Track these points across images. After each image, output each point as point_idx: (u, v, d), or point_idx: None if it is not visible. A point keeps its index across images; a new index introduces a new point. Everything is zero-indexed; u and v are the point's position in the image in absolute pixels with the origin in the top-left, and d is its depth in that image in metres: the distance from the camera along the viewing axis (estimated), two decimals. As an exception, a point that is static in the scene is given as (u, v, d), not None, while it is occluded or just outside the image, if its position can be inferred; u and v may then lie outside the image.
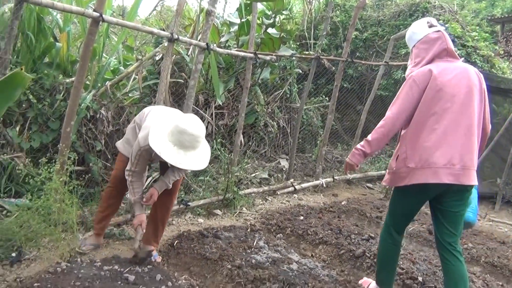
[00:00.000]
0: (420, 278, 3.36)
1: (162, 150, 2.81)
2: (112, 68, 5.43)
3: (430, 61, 2.76)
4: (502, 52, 12.80)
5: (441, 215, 2.75)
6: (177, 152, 2.84)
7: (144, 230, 3.23)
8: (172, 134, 2.85)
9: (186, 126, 2.83)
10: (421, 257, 3.84)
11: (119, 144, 3.40)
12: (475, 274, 3.69)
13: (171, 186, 3.29)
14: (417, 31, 2.86)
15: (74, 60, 4.70)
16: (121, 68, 5.47)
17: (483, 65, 8.23)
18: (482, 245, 4.48)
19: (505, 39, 15.02)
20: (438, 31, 2.79)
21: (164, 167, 3.36)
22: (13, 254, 2.93)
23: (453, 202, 2.70)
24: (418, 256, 3.83)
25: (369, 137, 2.76)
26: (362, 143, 2.81)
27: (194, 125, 2.87)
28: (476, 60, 8.14)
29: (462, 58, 2.86)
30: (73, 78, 4.18)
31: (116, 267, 2.89)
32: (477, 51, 8.34)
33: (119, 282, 2.69)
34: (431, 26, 2.83)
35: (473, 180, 2.65)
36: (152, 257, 3.29)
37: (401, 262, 3.60)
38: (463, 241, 4.52)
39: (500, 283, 3.56)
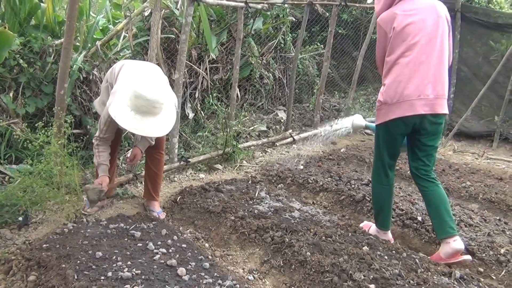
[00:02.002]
0: (419, 218, 3.45)
1: (117, 115, 2.73)
2: (101, 27, 5.29)
3: (398, 2, 2.86)
4: (500, -13, 12.43)
5: (418, 149, 2.92)
6: (133, 117, 2.73)
7: (106, 188, 3.08)
8: (130, 98, 2.75)
9: (143, 90, 2.71)
10: (420, 198, 3.90)
11: (96, 105, 3.38)
12: (473, 210, 3.77)
13: (153, 142, 3.31)
14: None
15: (62, 21, 4.57)
16: (110, 26, 5.34)
17: (480, 1, 8.04)
18: (480, 182, 4.56)
19: (503, -27, 14.57)
20: None
21: None
22: (20, 218, 2.99)
23: (429, 136, 2.87)
24: (417, 198, 3.90)
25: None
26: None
27: (153, 89, 2.75)
28: (472, -4, 7.94)
29: None
30: (62, 40, 4.09)
31: (122, 224, 2.95)
32: (474, -14, 8.11)
33: (126, 239, 2.76)
34: None
35: (445, 108, 2.83)
36: (156, 213, 3.36)
37: (400, 204, 3.68)
38: (461, 180, 4.59)
39: (498, 218, 3.64)
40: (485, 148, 6.28)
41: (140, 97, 2.70)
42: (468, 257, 2.84)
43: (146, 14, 5.02)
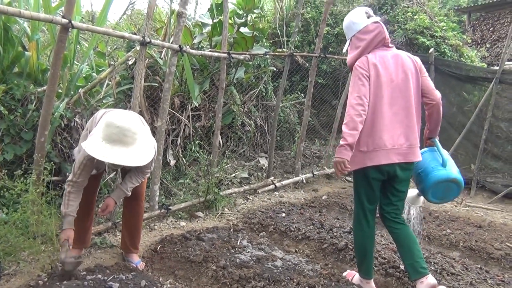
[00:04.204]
0: (402, 267, 3.43)
1: (88, 145, 2.66)
2: (84, 75, 5.33)
3: (370, 51, 2.96)
4: (470, 40, 13.13)
5: (392, 194, 3.02)
6: (103, 146, 2.65)
7: (71, 247, 2.90)
8: (102, 130, 2.70)
9: (114, 119, 2.68)
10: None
11: (76, 153, 3.21)
12: (454, 259, 3.78)
13: (129, 193, 3.14)
14: (357, 21, 3.03)
15: (45, 69, 4.60)
16: (94, 74, 5.38)
17: (452, 55, 8.42)
18: (460, 230, 4.60)
19: (472, 28, 15.42)
20: (377, 22, 2.99)
21: (124, 171, 3.28)
22: (-8, 270, 2.87)
23: (402, 183, 2.99)
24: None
25: (346, 130, 2.81)
26: (342, 137, 2.84)
27: (125, 119, 2.71)
28: (445, 50, 8.33)
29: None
30: (44, 87, 4.10)
31: (99, 276, 2.85)
32: (446, 41, 8.53)
33: (103, 291, 2.67)
34: (369, 16, 3.02)
35: (418, 156, 2.95)
36: (134, 264, 3.27)
37: (383, 252, 3.67)
38: (441, 227, 4.63)
39: (479, 266, 3.66)
40: (463, 196, 6.37)
41: (110, 125, 2.65)
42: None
43: (130, 63, 5.09)
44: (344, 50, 3.20)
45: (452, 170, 3.08)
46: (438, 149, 3.16)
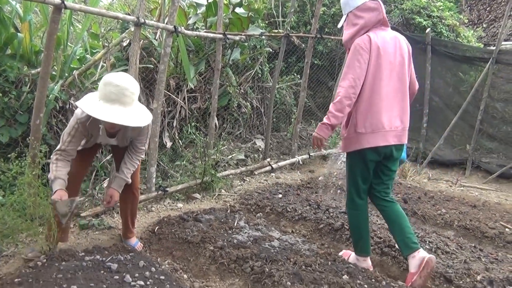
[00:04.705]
0: (397, 245, 3.46)
1: (85, 104, 2.58)
2: (78, 57, 5.27)
3: (368, 30, 2.91)
4: (467, 20, 13.04)
5: (383, 173, 3.07)
6: (102, 105, 2.57)
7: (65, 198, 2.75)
8: (100, 89, 2.62)
9: (112, 78, 2.60)
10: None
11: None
12: (449, 238, 3.83)
13: (129, 180, 3.11)
14: None
15: (38, 51, 4.55)
16: (88, 56, 5.32)
17: (449, 35, 8.38)
18: (455, 209, 4.64)
19: (469, 7, 15.28)
20: (376, 1, 2.91)
21: (118, 155, 3.21)
22: (-10, 252, 2.88)
23: (394, 162, 3.05)
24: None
25: (333, 110, 2.83)
26: (326, 116, 2.87)
27: (122, 78, 2.63)
28: (442, 30, 8.28)
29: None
30: (38, 69, 4.06)
31: (98, 256, 2.87)
32: (443, 21, 8.47)
33: (102, 271, 2.68)
34: None
35: (406, 138, 3.03)
36: (132, 245, 3.29)
37: (378, 232, 3.70)
38: (436, 207, 4.67)
39: (473, 245, 3.70)
40: (458, 176, 6.43)
41: (109, 84, 2.57)
42: (432, 256, 2.93)
43: (124, 44, 5.04)
44: (339, 26, 3.14)
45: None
46: None
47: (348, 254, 3.30)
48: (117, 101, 2.58)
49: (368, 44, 2.82)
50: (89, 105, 2.59)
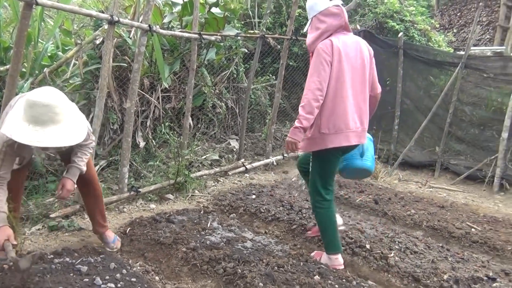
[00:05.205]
0: (368, 246, 3.54)
1: (13, 131, 2.34)
2: (49, 54, 5.16)
3: (331, 34, 3.04)
4: (438, 25, 13.36)
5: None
6: (33, 129, 2.33)
7: (14, 242, 2.54)
8: (25, 111, 2.37)
9: (37, 97, 2.35)
10: (368, 226, 4.03)
11: None
12: (417, 238, 3.92)
13: (84, 168, 2.89)
14: (319, 2, 3.08)
15: (8, 47, 4.43)
16: (60, 53, 5.22)
17: (421, 39, 8.56)
18: (424, 210, 4.76)
19: (440, 12, 15.68)
20: (338, 6, 3.07)
21: (65, 156, 3.00)
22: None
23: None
24: (365, 225, 4.01)
25: (303, 113, 2.96)
26: (298, 119, 3.00)
27: (48, 95, 2.41)
28: (414, 34, 8.45)
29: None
30: (7, 66, 3.96)
31: (67, 259, 2.83)
32: (415, 25, 8.65)
33: (71, 274, 2.64)
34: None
35: (366, 138, 3.24)
36: (112, 242, 3.23)
37: (350, 232, 3.76)
38: (406, 208, 4.77)
39: (440, 245, 3.81)
40: (427, 177, 6.58)
41: (36, 105, 2.34)
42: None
43: (97, 42, 4.95)
44: (304, 30, 3.27)
45: (367, 161, 3.40)
46: None
47: (320, 255, 3.34)
48: (49, 122, 2.38)
49: (330, 48, 2.94)
50: (19, 131, 2.35)
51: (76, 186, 2.95)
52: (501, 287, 3.02)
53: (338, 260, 3.20)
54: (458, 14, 15.19)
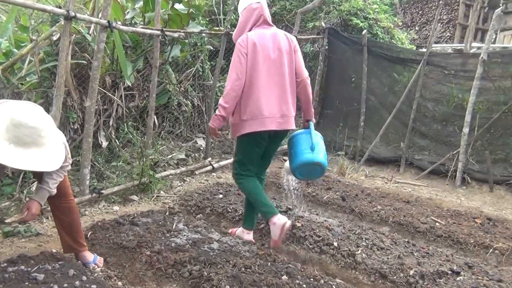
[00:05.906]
0: (335, 243, 3.53)
1: None
2: (4, 51, 4.91)
3: (251, 28, 3.32)
4: (401, 23, 13.61)
5: (265, 157, 3.53)
6: (14, 150, 2.24)
7: None
8: (7, 130, 2.25)
9: (24, 118, 2.26)
10: (336, 224, 4.02)
11: None
12: (384, 234, 3.95)
13: (55, 191, 2.72)
14: (243, 1, 3.39)
15: (-44, 43, 4.18)
16: (14, 50, 4.97)
17: (384, 37, 8.69)
18: (390, 206, 4.81)
19: (402, 10, 16.00)
20: (258, 2, 3.33)
21: (39, 173, 2.75)
22: None
23: (276, 144, 3.53)
24: (332, 223, 4.00)
25: (222, 102, 3.20)
26: (218, 108, 3.23)
27: (34, 116, 2.32)
28: (377, 31, 8.56)
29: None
30: (-45, 64, 3.73)
31: (22, 267, 2.67)
32: (378, 23, 8.77)
33: (27, 283, 2.49)
34: None
35: (292, 125, 3.37)
36: (92, 262, 2.99)
37: (317, 230, 3.74)
38: (373, 204, 4.81)
39: (406, 240, 3.85)
40: (393, 173, 6.69)
41: (21, 126, 2.24)
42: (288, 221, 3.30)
43: (54, 38, 4.74)
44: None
45: (319, 155, 3.35)
46: (311, 132, 3.42)
47: (235, 230, 3.66)
48: (32, 144, 2.29)
49: (246, 42, 3.19)
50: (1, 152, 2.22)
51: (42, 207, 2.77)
52: (465, 280, 3.06)
53: (250, 236, 3.57)
54: (419, 12, 15.54)
